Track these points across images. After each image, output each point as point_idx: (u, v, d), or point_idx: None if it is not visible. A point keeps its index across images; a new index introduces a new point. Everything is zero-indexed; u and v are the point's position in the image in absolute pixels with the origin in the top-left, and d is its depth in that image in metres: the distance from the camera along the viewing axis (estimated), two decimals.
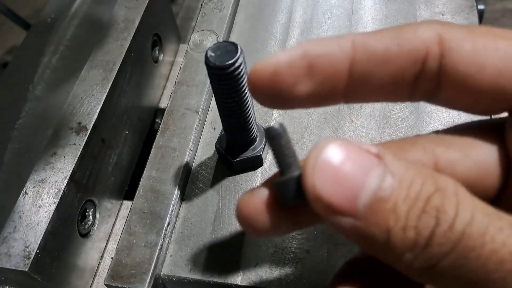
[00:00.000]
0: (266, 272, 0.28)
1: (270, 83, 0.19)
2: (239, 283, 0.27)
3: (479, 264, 0.14)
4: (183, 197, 0.32)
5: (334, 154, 0.16)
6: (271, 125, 0.18)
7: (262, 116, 0.35)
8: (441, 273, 0.15)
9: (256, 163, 0.32)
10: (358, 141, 0.16)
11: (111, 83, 0.34)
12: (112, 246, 0.35)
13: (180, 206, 0.31)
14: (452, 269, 0.14)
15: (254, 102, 0.31)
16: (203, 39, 0.38)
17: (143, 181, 0.31)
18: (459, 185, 0.15)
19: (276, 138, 0.18)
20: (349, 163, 0.15)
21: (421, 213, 0.14)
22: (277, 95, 0.19)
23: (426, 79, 0.18)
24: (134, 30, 0.37)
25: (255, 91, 0.19)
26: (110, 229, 0.36)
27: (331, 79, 0.18)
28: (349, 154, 0.16)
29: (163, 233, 0.29)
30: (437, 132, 0.20)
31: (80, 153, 0.31)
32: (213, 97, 0.29)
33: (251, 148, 0.31)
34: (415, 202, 0.15)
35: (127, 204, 0.38)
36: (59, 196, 0.29)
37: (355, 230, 0.15)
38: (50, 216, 0.28)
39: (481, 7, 0.42)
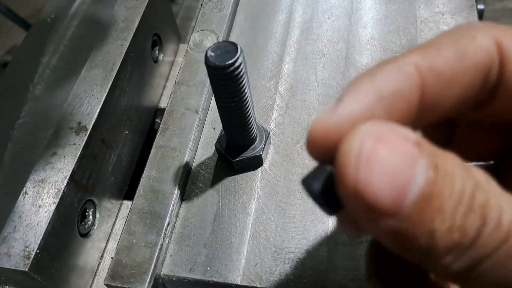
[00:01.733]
0: (266, 272, 0.28)
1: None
2: (239, 283, 0.27)
3: None
4: (183, 197, 0.32)
5: (381, 142, 0.13)
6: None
7: (262, 116, 0.35)
8: (481, 275, 0.13)
9: (256, 163, 0.32)
10: (392, 124, 0.14)
11: (111, 83, 0.34)
12: (112, 246, 0.35)
13: (180, 206, 0.31)
14: (494, 271, 0.13)
15: (254, 101, 0.31)
16: (203, 39, 0.38)
17: (143, 181, 0.31)
18: (489, 177, 0.14)
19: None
20: (397, 154, 0.13)
21: (468, 212, 0.13)
22: None
23: (483, 91, 0.16)
24: (134, 30, 0.37)
25: (323, 155, 0.15)
26: (110, 229, 0.36)
27: (407, 114, 0.16)
28: (395, 143, 0.13)
29: (163, 233, 0.28)
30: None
31: (80, 153, 0.31)
32: (213, 97, 0.29)
33: (251, 148, 0.31)
34: (461, 199, 0.13)
35: (127, 204, 0.38)
36: (59, 196, 0.29)
37: (396, 232, 0.13)
38: (50, 216, 0.28)
39: (480, 6, 0.42)
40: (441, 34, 0.17)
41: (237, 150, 0.31)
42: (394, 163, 0.13)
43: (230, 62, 0.24)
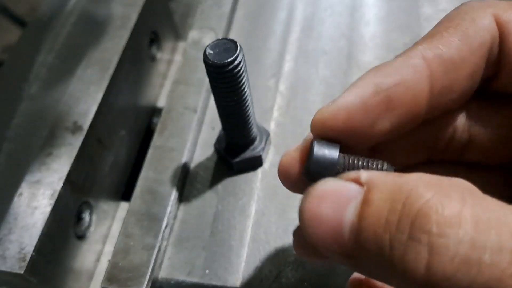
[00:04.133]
0: (267, 275, 0.27)
1: (344, 131, 0.17)
2: (238, 286, 0.27)
3: None
4: (181, 199, 0.31)
5: (312, 196, 0.16)
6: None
7: (262, 116, 0.35)
8: None
9: (256, 163, 0.31)
10: (353, 172, 0.16)
11: (107, 82, 0.34)
12: (109, 248, 0.35)
13: (178, 208, 0.31)
14: None
15: (254, 101, 0.30)
16: (202, 36, 0.38)
17: (140, 182, 0.31)
18: (471, 189, 0.13)
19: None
20: (324, 203, 0.15)
21: (403, 248, 0.13)
22: (354, 140, 0.17)
23: (488, 67, 0.18)
24: (131, 27, 0.37)
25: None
26: (106, 231, 0.36)
27: (413, 106, 0.17)
28: (325, 194, 0.16)
29: (160, 235, 0.28)
30: None
31: (76, 153, 0.30)
32: (212, 96, 0.29)
33: (250, 148, 0.31)
34: (394, 236, 0.13)
35: (124, 205, 0.38)
36: (55, 197, 0.28)
37: (350, 262, 0.15)
38: (46, 218, 0.28)
39: None
40: (442, 21, 0.18)
41: (236, 150, 0.31)
42: (324, 213, 0.15)
43: (229, 60, 0.24)
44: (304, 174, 0.18)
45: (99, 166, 0.34)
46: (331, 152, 0.17)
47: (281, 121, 0.34)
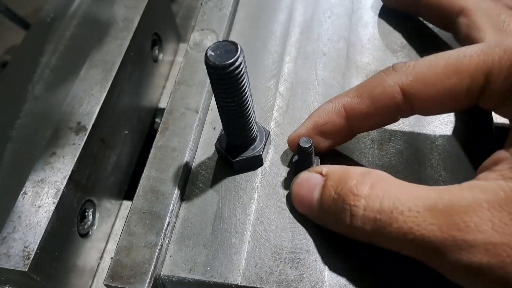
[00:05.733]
0: (266, 272, 0.27)
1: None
2: (239, 283, 0.27)
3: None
4: (183, 197, 0.32)
5: (296, 183, 0.29)
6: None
7: (262, 116, 0.35)
8: (375, 241, 0.24)
9: (256, 163, 0.32)
10: (319, 167, 0.28)
11: (110, 82, 0.34)
12: (112, 246, 0.35)
13: (180, 206, 0.31)
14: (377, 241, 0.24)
15: (255, 101, 0.31)
16: (203, 38, 0.38)
17: (142, 181, 0.31)
18: (379, 177, 0.24)
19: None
20: (302, 187, 0.28)
21: (340, 212, 0.25)
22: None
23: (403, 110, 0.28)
24: (134, 29, 0.37)
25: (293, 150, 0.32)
26: (109, 229, 0.36)
27: (338, 134, 0.29)
28: (303, 181, 0.28)
29: (163, 233, 0.28)
30: None
31: (80, 153, 0.31)
32: (213, 97, 0.29)
33: (251, 148, 0.31)
34: (336, 206, 0.25)
35: (126, 204, 0.38)
36: (59, 196, 0.29)
37: (318, 221, 0.28)
38: (50, 216, 0.28)
39: None
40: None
41: (237, 150, 0.31)
42: (302, 194, 0.28)
43: (230, 61, 0.24)
44: (294, 163, 0.32)
45: (102, 165, 0.34)
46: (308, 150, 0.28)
47: (281, 121, 0.35)
